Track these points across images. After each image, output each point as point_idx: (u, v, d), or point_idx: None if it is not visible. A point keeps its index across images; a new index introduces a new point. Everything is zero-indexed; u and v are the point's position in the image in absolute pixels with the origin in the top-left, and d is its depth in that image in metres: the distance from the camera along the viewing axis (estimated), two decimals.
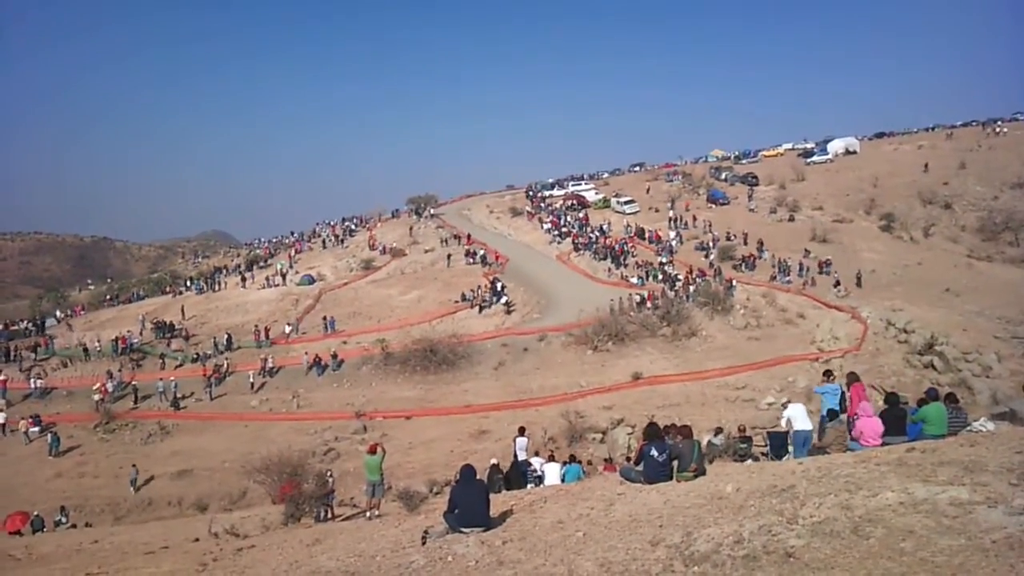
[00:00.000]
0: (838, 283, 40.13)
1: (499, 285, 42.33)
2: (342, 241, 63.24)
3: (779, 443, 14.69)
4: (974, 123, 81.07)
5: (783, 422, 13.11)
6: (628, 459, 19.49)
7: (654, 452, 9.03)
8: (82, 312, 49.41)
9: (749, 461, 13.87)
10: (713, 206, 58.24)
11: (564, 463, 16.03)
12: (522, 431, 18.71)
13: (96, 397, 31.23)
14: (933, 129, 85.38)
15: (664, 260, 44.94)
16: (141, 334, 39.84)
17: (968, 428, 10.64)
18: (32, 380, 33.41)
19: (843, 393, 12.70)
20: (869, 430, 10.49)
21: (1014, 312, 35.06)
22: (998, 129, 71.76)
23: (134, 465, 25.90)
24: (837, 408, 12.62)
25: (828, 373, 13.71)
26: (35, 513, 20.97)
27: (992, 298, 37.99)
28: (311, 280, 49.79)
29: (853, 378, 12.68)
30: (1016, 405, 19.45)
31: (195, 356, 36.41)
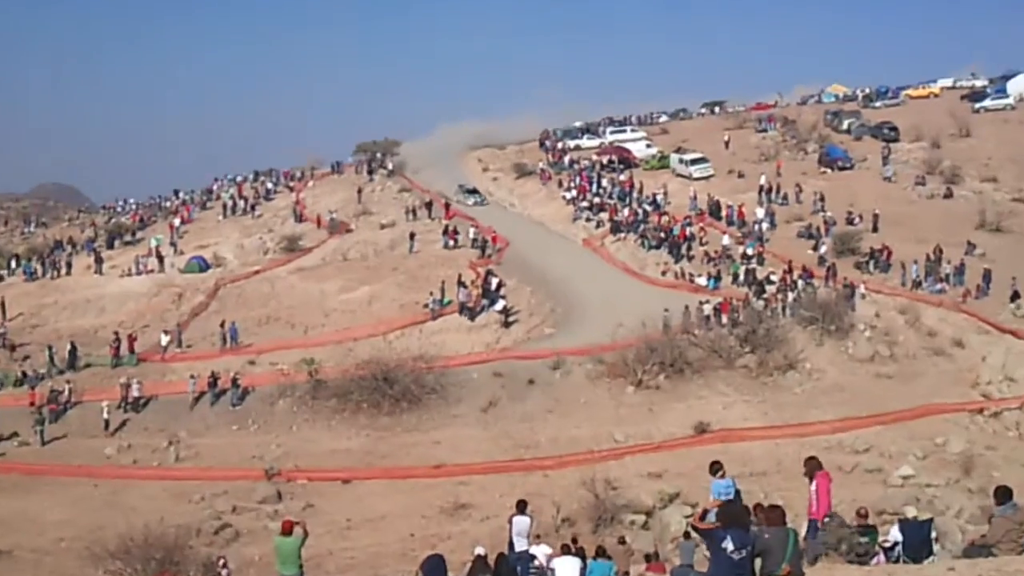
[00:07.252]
0: (1016, 295, 40.06)
1: (494, 282, 42.38)
2: (253, 207, 63.63)
3: (918, 537, 14.75)
4: None
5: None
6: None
7: (729, 544, 8.99)
8: None
9: (874, 561, 13.93)
10: (829, 171, 58.32)
11: (593, 557, 16.04)
12: (522, 507, 18.61)
13: None
14: None
15: (750, 252, 44.95)
16: None
17: None
18: None
19: (737, 492, 13.51)
20: None
21: None
22: None
23: None
24: None
25: (716, 466, 14.27)
26: None
27: None
28: (203, 265, 50.02)
29: (815, 466, 13.10)
30: None
31: (20, 376, 36.45)
